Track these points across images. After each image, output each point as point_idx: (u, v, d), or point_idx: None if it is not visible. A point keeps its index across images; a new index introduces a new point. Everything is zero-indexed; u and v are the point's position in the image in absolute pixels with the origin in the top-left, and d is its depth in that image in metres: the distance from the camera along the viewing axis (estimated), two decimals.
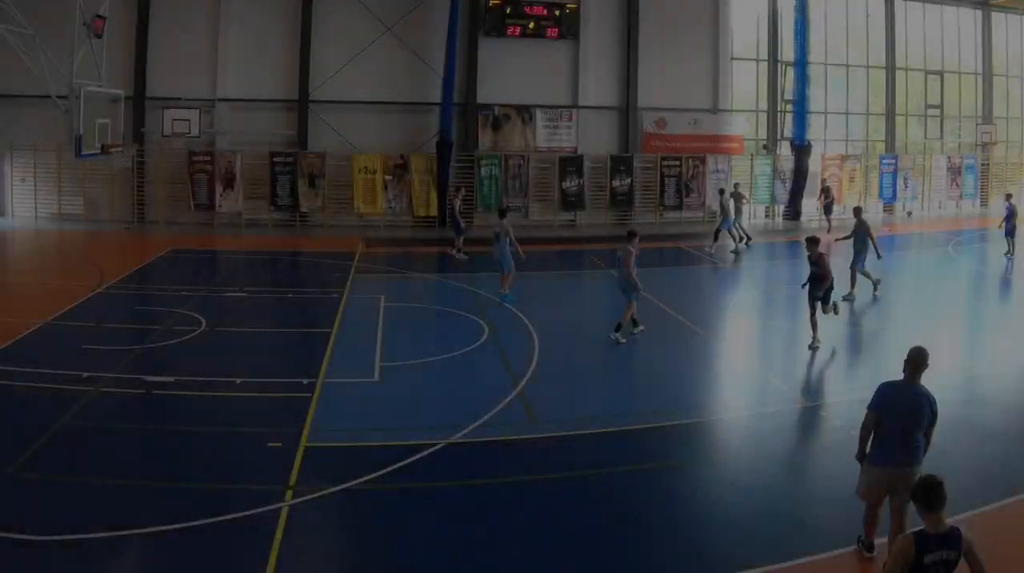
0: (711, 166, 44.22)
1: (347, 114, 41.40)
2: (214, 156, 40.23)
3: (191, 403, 16.49)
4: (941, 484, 7.63)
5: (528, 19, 42.09)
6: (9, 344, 19.82)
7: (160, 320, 22.66)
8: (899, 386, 10.25)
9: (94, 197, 40.99)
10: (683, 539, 11.41)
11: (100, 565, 10.64)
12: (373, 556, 11.06)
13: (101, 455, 13.77)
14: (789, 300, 25.72)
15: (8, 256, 33.32)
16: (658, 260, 33.61)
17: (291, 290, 27.43)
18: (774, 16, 47.04)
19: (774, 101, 47.44)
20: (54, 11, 32.13)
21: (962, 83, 51.97)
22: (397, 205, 40.80)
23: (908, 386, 10.19)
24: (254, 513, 11.64)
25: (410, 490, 12.77)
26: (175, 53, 40.42)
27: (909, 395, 10.12)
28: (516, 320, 22.91)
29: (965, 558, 7.59)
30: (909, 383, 10.22)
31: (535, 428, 15.56)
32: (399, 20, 41.24)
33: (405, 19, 41.36)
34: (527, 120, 42.89)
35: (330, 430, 14.80)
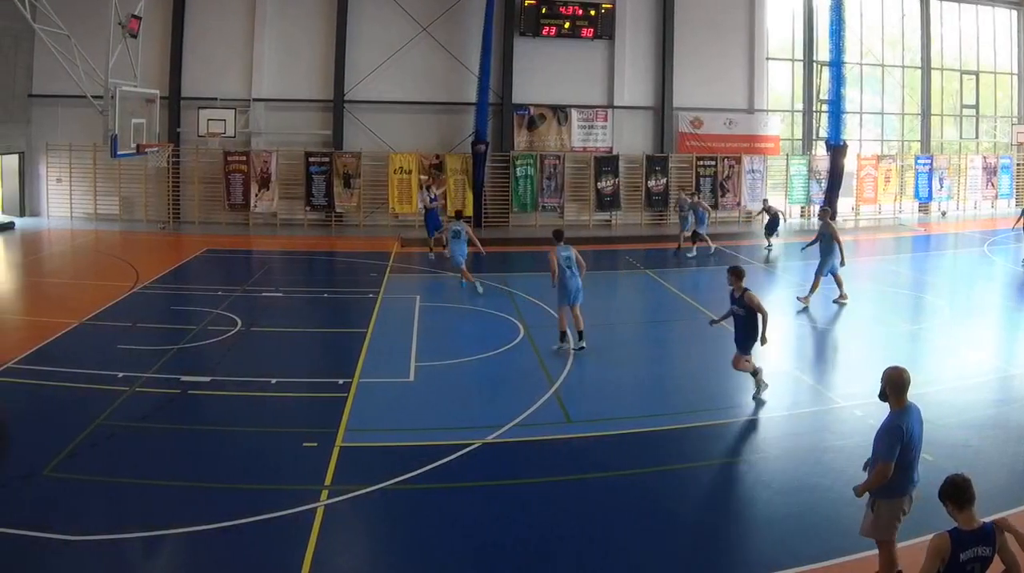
0: (747, 166, 44.12)
1: (382, 114, 41.45)
2: (249, 156, 40.32)
3: (227, 403, 16.51)
4: (969, 481, 7.70)
5: (563, 19, 42.01)
6: (45, 344, 19.91)
7: (196, 320, 22.69)
8: (908, 412, 9.77)
9: (129, 197, 41.13)
10: (718, 539, 11.38)
11: (136, 565, 10.66)
12: (408, 556, 11.01)
13: (137, 455, 13.80)
14: (823, 299, 25.68)
15: (44, 256, 33.34)
16: (693, 260, 33.52)
17: (326, 290, 27.39)
18: (809, 16, 46.88)
19: (809, 101, 47.25)
20: (89, 11, 32.51)
21: (997, 83, 51.63)
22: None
23: (911, 407, 9.82)
24: (289, 513, 11.66)
25: (445, 490, 12.76)
26: (211, 53, 40.60)
27: (916, 416, 9.83)
28: (551, 320, 22.69)
29: (998, 554, 7.59)
30: (907, 405, 9.79)
31: (570, 428, 15.54)
32: (434, 20, 41.28)
33: (440, 19, 41.35)
34: (562, 120, 42.84)
35: (365, 430, 14.80)
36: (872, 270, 31.63)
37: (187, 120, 40.34)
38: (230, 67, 40.91)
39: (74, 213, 41.02)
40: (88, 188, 40.98)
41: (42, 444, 13.67)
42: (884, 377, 9.76)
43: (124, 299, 24.67)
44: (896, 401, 9.69)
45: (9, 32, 37.43)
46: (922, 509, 10.58)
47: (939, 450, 13.93)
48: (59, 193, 41.22)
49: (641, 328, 22.71)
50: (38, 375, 17.55)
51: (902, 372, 9.74)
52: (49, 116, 40.34)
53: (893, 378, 9.69)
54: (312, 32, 41.24)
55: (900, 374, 9.71)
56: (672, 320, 24.13)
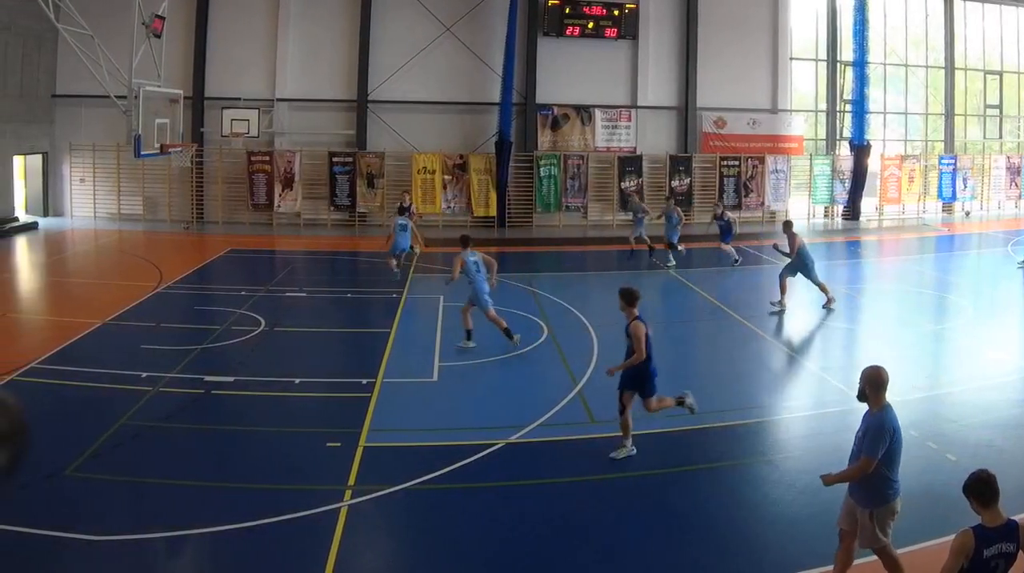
0: (770, 166, 44.08)
1: (406, 114, 41.54)
2: (273, 156, 40.44)
3: (250, 403, 16.52)
4: (994, 477, 7.64)
5: (587, 19, 42.06)
6: (69, 344, 19.96)
7: (219, 320, 22.75)
8: (890, 411, 9.71)
9: (153, 197, 41.33)
10: (742, 539, 11.33)
11: (159, 565, 10.68)
12: (431, 556, 11.02)
13: (160, 455, 13.82)
14: (848, 299, 25.66)
15: (67, 256, 33.38)
16: (716, 260, 33.44)
17: (350, 290, 27.35)
18: (833, 16, 46.83)
19: (833, 101, 47.20)
20: (113, 11, 32.69)
21: (1021, 83, 51.43)
22: (456, 205, 40.92)
23: (890, 408, 9.72)
24: (313, 513, 11.67)
25: (468, 490, 12.75)
26: (234, 53, 40.76)
27: (894, 414, 9.72)
28: (575, 320, 22.88)
29: (1023, 551, 7.56)
30: (886, 405, 9.72)
31: (594, 428, 15.52)
32: (458, 20, 41.37)
33: (464, 19, 41.43)
34: (586, 120, 42.88)
35: (389, 430, 14.80)
36: (896, 270, 31.58)
37: (211, 120, 40.53)
38: (254, 67, 41.05)
39: (97, 213, 41.16)
40: (111, 188, 41.12)
41: (65, 444, 13.66)
42: (864, 376, 9.80)
43: (147, 299, 24.72)
44: (876, 400, 9.69)
45: (33, 32, 37.59)
46: (944, 507, 10.56)
47: (962, 450, 14.08)
48: (82, 193, 41.38)
49: (664, 328, 22.59)
50: (62, 375, 17.57)
51: (881, 371, 9.78)
52: (72, 116, 40.54)
53: (873, 377, 9.72)
54: (336, 32, 41.35)
55: (879, 373, 9.75)
56: (695, 320, 24.11)
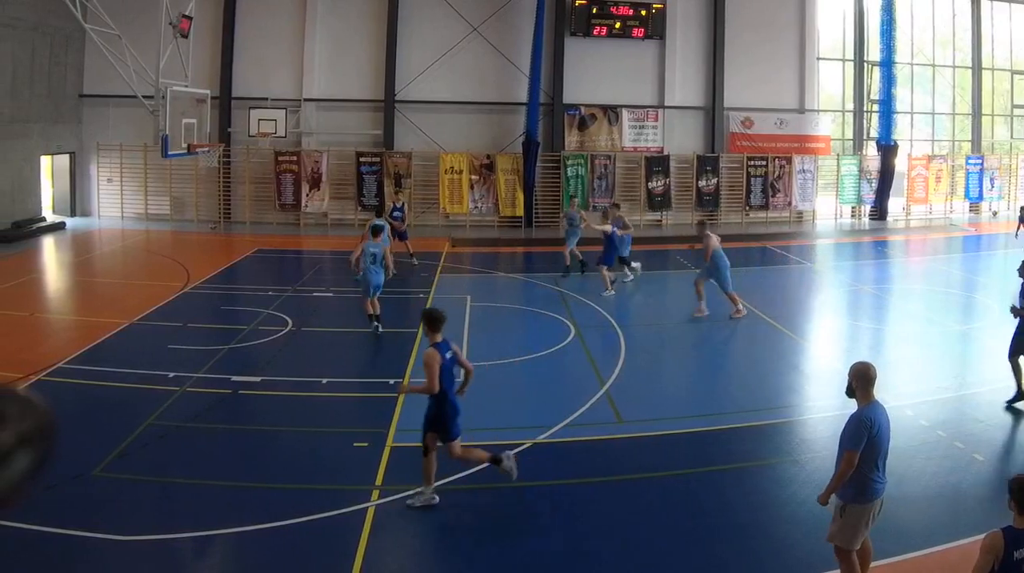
0: (797, 166, 43.93)
1: (433, 114, 41.56)
2: (300, 156, 40.50)
3: (277, 403, 16.60)
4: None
5: (614, 19, 41.99)
6: (96, 344, 20.04)
7: (246, 320, 22.82)
8: (876, 408, 9.63)
9: (180, 197, 41.40)
10: (768, 539, 11.35)
11: (186, 565, 10.74)
12: (459, 556, 11.06)
13: (187, 455, 13.87)
14: (874, 299, 25.60)
15: (95, 256, 33.51)
16: (744, 260, 33.42)
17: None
18: (860, 16, 46.63)
19: (860, 101, 47.03)
20: (140, 11, 32.89)
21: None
22: (483, 205, 40.89)
23: (878, 405, 9.68)
24: (340, 513, 11.72)
25: (496, 490, 12.76)
26: (261, 53, 40.85)
27: (883, 414, 9.68)
28: (603, 320, 22.87)
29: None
30: (873, 402, 9.66)
31: (622, 428, 15.52)
32: (485, 20, 41.35)
33: (491, 19, 41.44)
34: (613, 120, 42.79)
35: (416, 430, 14.57)
36: (923, 270, 31.53)
37: (238, 120, 40.59)
38: (281, 67, 41.13)
39: (125, 213, 41.25)
40: (139, 188, 41.22)
41: (93, 444, 13.69)
42: (851, 371, 9.80)
43: (175, 299, 24.80)
44: (863, 396, 9.63)
45: (60, 32, 37.70)
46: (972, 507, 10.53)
47: (989, 449, 14.19)
48: (110, 193, 41.47)
49: (692, 328, 22.68)
50: (89, 375, 17.64)
51: (869, 366, 9.76)
52: (100, 116, 40.64)
53: (861, 372, 9.70)
54: (363, 32, 41.39)
55: (867, 368, 9.73)
56: (722, 320, 23.90)
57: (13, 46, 35.28)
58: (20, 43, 35.72)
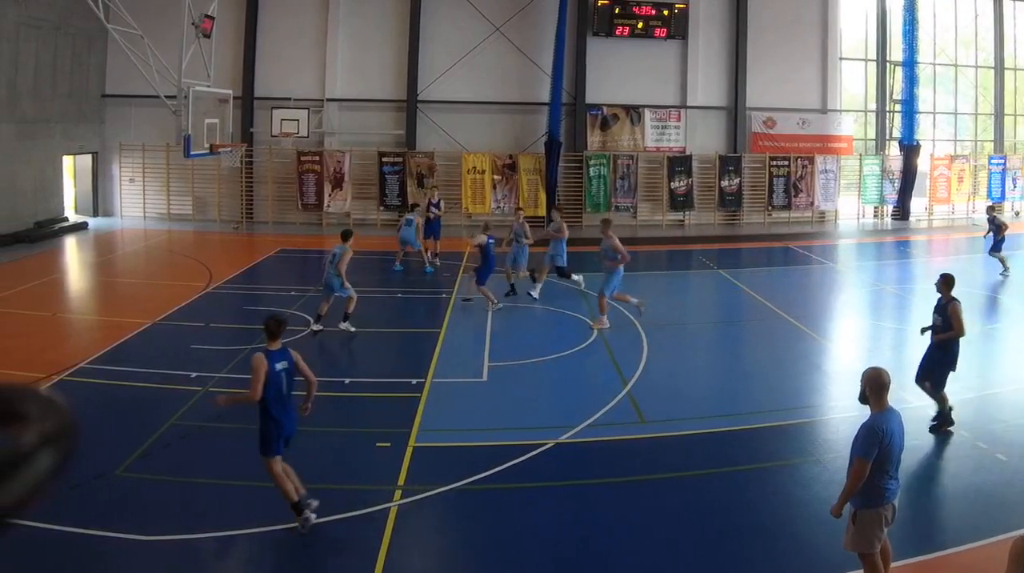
0: (820, 166, 43.89)
1: (455, 114, 41.61)
2: (323, 156, 40.60)
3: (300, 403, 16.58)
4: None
5: (637, 19, 42.01)
6: (119, 344, 20.10)
7: None
8: (889, 415, 9.49)
9: (203, 197, 41.57)
10: (791, 539, 11.34)
11: (208, 565, 10.79)
12: (481, 556, 11.07)
13: (210, 455, 13.93)
14: (897, 299, 25.70)
15: (117, 256, 33.57)
16: (766, 260, 33.51)
17: (399, 290, 27.35)
18: (883, 16, 46.60)
19: (883, 101, 46.94)
20: (162, 11, 32.73)
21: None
22: (505, 205, 40.77)
23: (892, 411, 9.54)
24: (363, 513, 11.76)
25: (518, 490, 12.78)
26: (284, 53, 40.97)
27: (897, 420, 9.52)
28: (625, 320, 22.84)
29: None
30: (887, 408, 9.50)
31: (644, 428, 15.51)
32: (507, 20, 41.38)
33: (513, 19, 41.47)
34: (635, 120, 42.77)
35: (439, 430, 14.84)
36: (945, 270, 31.41)
37: (260, 120, 40.70)
38: (303, 67, 41.22)
39: (147, 213, 41.38)
40: (161, 188, 41.34)
41: (115, 444, 13.75)
42: (864, 378, 9.63)
43: (197, 299, 24.85)
44: (876, 402, 9.49)
45: (83, 32, 37.83)
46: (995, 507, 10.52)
47: (1012, 449, 14.10)
48: (132, 193, 41.60)
49: (714, 328, 22.73)
50: (111, 375, 17.69)
51: (882, 372, 9.59)
52: (122, 116, 40.82)
53: (873, 378, 9.54)
54: (385, 32, 41.47)
55: (880, 374, 9.55)
56: (745, 320, 24.07)
57: (36, 46, 35.41)
58: (43, 43, 35.85)
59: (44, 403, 1.54)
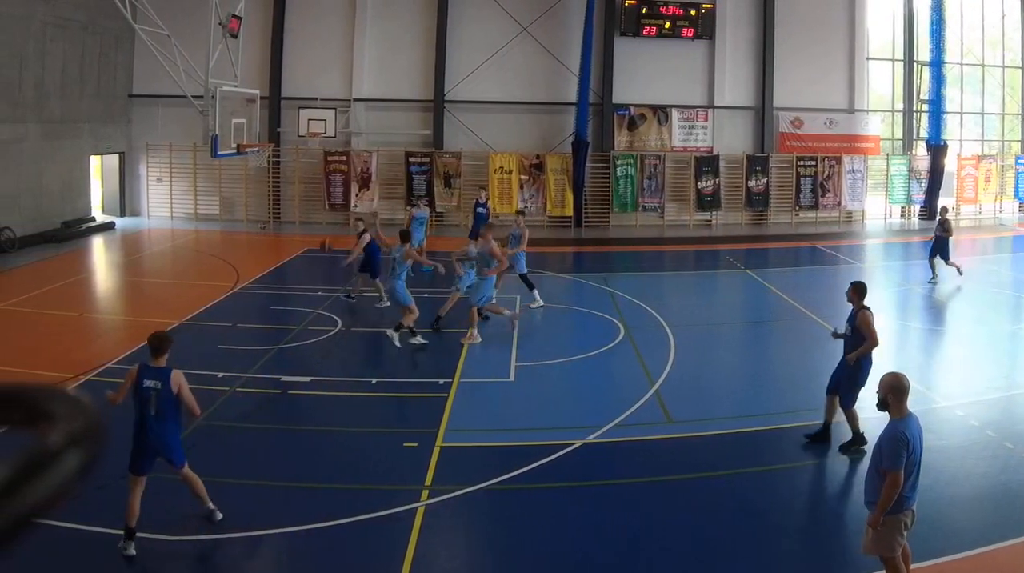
0: (847, 166, 43.75)
1: (482, 114, 41.63)
2: (350, 156, 40.65)
3: (327, 403, 16.65)
4: None
5: (664, 19, 41.97)
6: (145, 344, 20.00)
7: (296, 320, 22.91)
8: (911, 422, 9.37)
9: (230, 197, 41.66)
10: (818, 539, 11.37)
11: (236, 565, 10.84)
12: (508, 556, 11.06)
13: (237, 455, 13.98)
14: (924, 300, 25.87)
15: (144, 256, 33.70)
16: (793, 260, 33.45)
17: (427, 290, 26.92)
18: (910, 16, 46.40)
19: (910, 101, 46.76)
20: (190, 11, 32.78)
21: None
22: (532, 205, 40.67)
23: (912, 415, 9.44)
24: (390, 513, 11.75)
25: (546, 490, 12.76)
26: (311, 53, 41.02)
27: (916, 425, 9.42)
28: (652, 320, 22.85)
29: None
30: (908, 414, 9.40)
31: (671, 428, 15.51)
32: (535, 20, 41.33)
33: (541, 19, 41.43)
34: (663, 120, 42.68)
35: (466, 430, 14.84)
36: (972, 270, 31.35)
37: (287, 120, 40.78)
38: (330, 67, 41.28)
39: (174, 213, 41.48)
40: (188, 188, 41.45)
41: None
42: (883, 384, 9.50)
43: (224, 299, 24.89)
44: (897, 409, 9.37)
45: (110, 32, 37.94)
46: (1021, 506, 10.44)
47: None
48: (159, 193, 41.70)
49: (742, 328, 22.75)
50: None
51: (902, 377, 9.48)
52: (149, 116, 40.94)
53: (894, 384, 9.40)
54: (412, 32, 41.49)
55: (900, 379, 9.44)
56: (772, 320, 24.06)
57: (64, 46, 35.50)
58: (70, 43, 35.97)
59: (71, 403, 1.53)
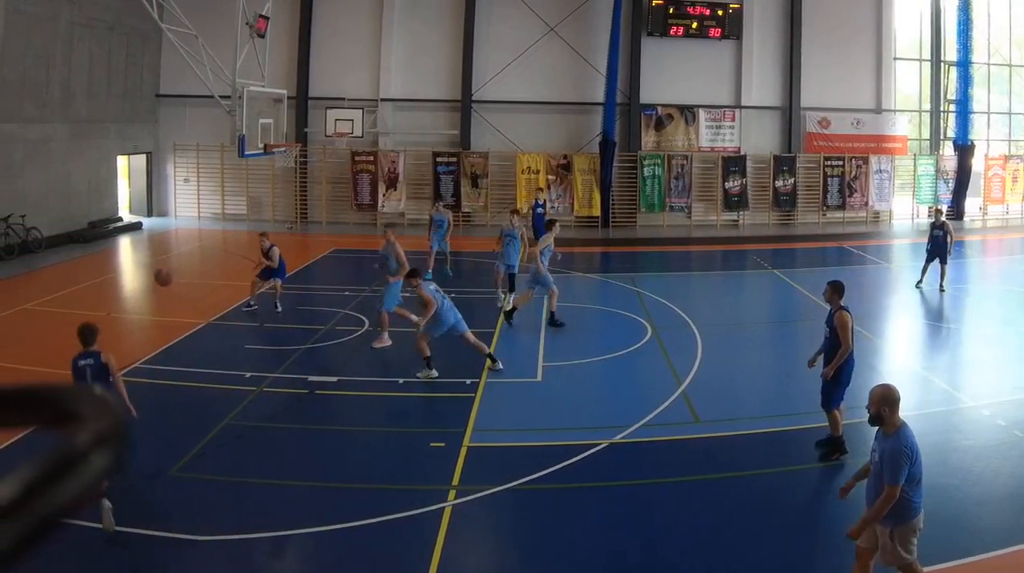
0: (874, 166, 43.64)
1: (510, 114, 41.65)
2: (377, 156, 40.69)
3: (354, 403, 16.69)
4: None
5: (691, 19, 41.93)
6: (173, 344, 20.21)
7: (323, 320, 22.95)
8: (908, 432, 9.17)
9: (257, 197, 41.74)
10: (844, 539, 11.08)
11: (263, 565, 10.84)
12: (535, 556, 11.02)
13: (264, 455, 13.98)
14: (953, 299, 25.78)
15: (171, 256, 33.71)
16: (820, 260, 33.39)
17: (454, 290, 26.55)
18: (937, 16, 46.25)
19: (937, 101, 46.60)
20: (217, 11, 32.91)
21: None
22: (560, 205, 40.70)
23: (905, 426, 9.22)
24: (417, 513, 11.73)
25: (573, 490, 12.74)
26: (338, 53, 41.06)
27: (911, 430, 9.24)
28: (680, 320, 22.86)
29: None
30: (902, 423, 9.22)
31: (699, 428, 15.47)
32: (562, 20, 41.34)
33: (568, 19, 41.42)
34: (690, 120, 42.66)
35: (493, 430, 14.84)
36: (1000, 270, 31.35)
37: (314, 120, 40.84)
38: (358, 67, 41.34)
39: (201, 213, 41.62)
40: (215, 188, 41.58)
41: (170, 444, 13.83)
42: (876, 397, 9.23)
43: (251, 299, 24.65)
44: (892, 420, 9.15)
45: (137, 32, 38.09)
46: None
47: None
48: (186, 193, 41.87)
49: (769, 328, 22.74)
50: (166, 375, 17.79)
51: (893, 388, 9.31)
52: (176, 116, 41.09)
53: (888, 396, 9.19)
54: (440, 32, 41.54)
55: (892, 390, 9.26)
56: (800, 320, 23.93)
57: (91, 46, 35.64)
58: (97, 43, 36.10)
59: (97, 403, 1.51)
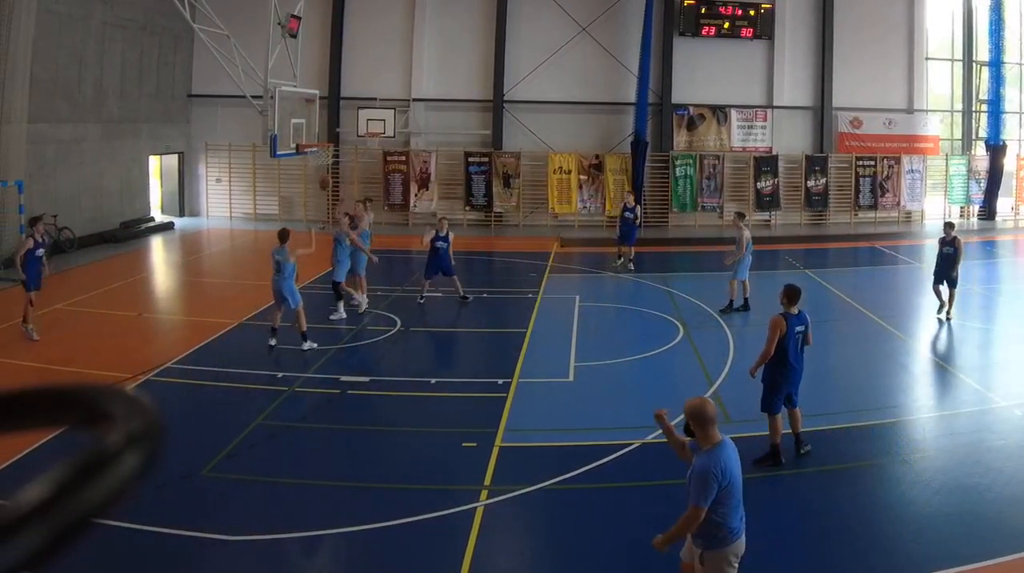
0: (906, 166, 43.52)
1: (541, 114, 41.62)
2: (409, 156, 40.77)
3: (386, 403, 16.70)
4: None
5: (723, 19, 41.86)
6: (205, 344, 20.27)
7: (355, 320, 22.95)
8: (723, 449, 8.52)
9: (289, 197, 41.79)
10: (877, 538, 11.22)
11: (294, 565, 10.86)
12: (567, 556, 11.02)
13: (296, 455, 14.00)
14: (984, 299, 25.77)
15: (203, 256, 33.96)
16: (852, 260, 33.34)
17: (486, 290, 27.21)
18: (969, 15, 46.02)
19: (969, 101, 46.37)
20: (248, 11, 33.23)
21: None
22: (592, 205, 40.81)
23: (726, 443, 8.60)
24: (449, 513, 11.72)
25: (605, 490, 12.75)
26: (370, 53, 41.15)
27: (732, 454, 8.62)
28: (711, 319, 22.88)
29: None
30: (720, 441, 8.51)
31: (731, 428, 15.00)
32: (594, 20, 41.31)
33: (600, 19, 41.39)
34: (722, 120, 42.65)
35: (525, 430, 14.84)
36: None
37: (346, 120, 40.93)
38: (389, 67, 41.41)
39: (233, 213, 41.82)
40: (247, 188, 41.78)
41: (201, 444, 13.83)
42: (685, 411, 8.62)
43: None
44: (704, 437, 8.49)
45: (169, 32, 38.30)
46: None
47: None
48: (218, 193, 42.06)
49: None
50: (197, 375, 17.84)
51: (705, 404, 8.64)
52: (208, 116, 41.25)
53: (695, 411, 8.52)
54: (472, 32, 41.58)
55: (703, 405, 8.59)
56: (832, 320, 23.82)
57: (123, 46, 35.86)
58: (129, 43, 36.31)
59: (130, 403, 1.51)
